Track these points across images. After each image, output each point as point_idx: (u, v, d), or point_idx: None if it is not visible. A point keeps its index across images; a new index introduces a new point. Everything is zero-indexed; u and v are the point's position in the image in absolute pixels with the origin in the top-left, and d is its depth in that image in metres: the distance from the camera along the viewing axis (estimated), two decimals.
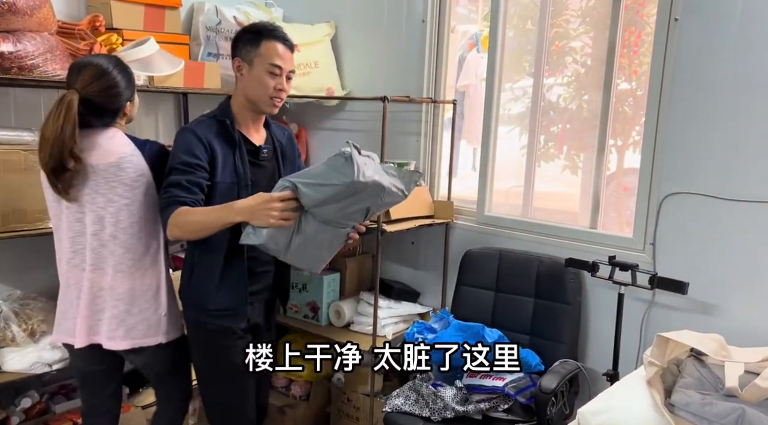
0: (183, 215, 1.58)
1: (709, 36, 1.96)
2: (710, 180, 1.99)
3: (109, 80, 1.64)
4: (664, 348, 1.67)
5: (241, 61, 1.76)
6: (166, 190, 1.62)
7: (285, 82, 1.75)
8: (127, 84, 1.69)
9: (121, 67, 1.69)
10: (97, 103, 1.63)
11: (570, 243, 2.33)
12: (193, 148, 1.65)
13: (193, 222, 1.58)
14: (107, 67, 1.65)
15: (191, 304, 1.79)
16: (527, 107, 2.61)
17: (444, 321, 2.30)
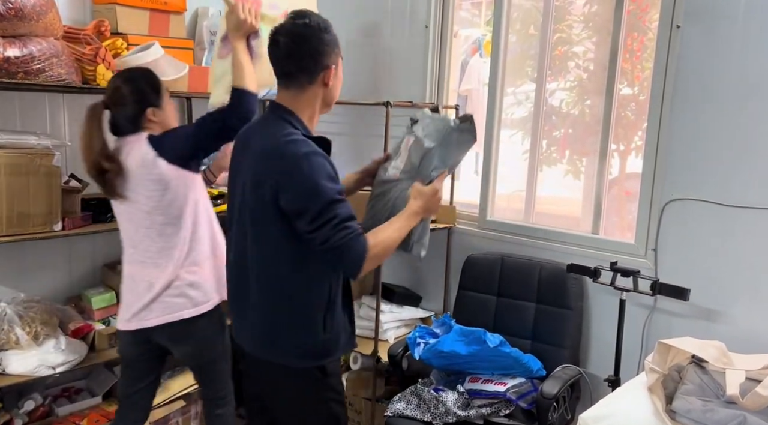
0: (376, 246, 1.42)
1: (710, 42, 1.96)
2: (712, 186, 1.99)
3: (117, 92, 1.79)
4: (666, 355, 1.67)
5: (335, 67, 1.52)
6: (345, 226, 1.38)
7: None
8: (140, 95, 1.79)
9: (132, 79, 1.80)
10: (114, 112, 1.81)
11: (572, 248, 2.33)
12: (332, 172, 1.43)
13: (389, 247, 1.47)
14: (118, 79, 1.82)
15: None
16: (529, 112, 2.62)
17: (446, 326, 2.30)
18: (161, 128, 1.82)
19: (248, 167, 1.48)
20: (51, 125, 2.31)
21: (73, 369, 2.11)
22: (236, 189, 1.53)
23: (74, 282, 2.43)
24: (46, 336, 2.09)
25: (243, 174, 1.50)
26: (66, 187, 2.08)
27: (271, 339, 1.50)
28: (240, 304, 1.58)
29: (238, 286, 1.57)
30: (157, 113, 1.81)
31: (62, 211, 2.03)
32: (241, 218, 1.51)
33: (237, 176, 1.54)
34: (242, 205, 1.50)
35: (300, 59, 1.45)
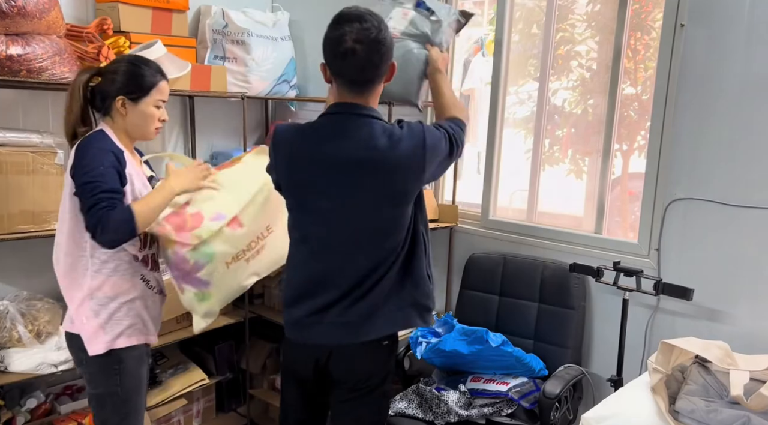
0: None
1: (715, 42, 1.95)
2: (716, 186, 1.99)
3: (111, 65, 1.72)
4: (669, 355, 1.67)
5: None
6: None
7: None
8: (123, 78, 1.64)
9: (132, 63, 1.68)
10: (96, 83, 1.70)
11: (574, 248, 2.33)
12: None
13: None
14: (125, 57, 1.75)
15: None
16: (532, 111, 2.61)
17: (448, 325, 2.30)
18: (127, 127, 1.68)
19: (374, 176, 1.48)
20: (54, 124, 2.31)
21: (75, 368, 2.11)
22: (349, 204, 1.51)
23: None
24: (49, 334, 2.09)
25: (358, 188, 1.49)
26: None
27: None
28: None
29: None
30: (128, 107, 1.65)
31: None
32: (355, 238, 1.53)
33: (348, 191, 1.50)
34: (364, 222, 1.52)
35: (378, 67, 1.49)
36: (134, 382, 1.72)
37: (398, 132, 1.50)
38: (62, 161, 1.99)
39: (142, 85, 1.66)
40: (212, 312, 1.86)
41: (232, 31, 2.64)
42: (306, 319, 1.58)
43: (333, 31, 1.45)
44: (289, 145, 1.54)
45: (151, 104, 1.68)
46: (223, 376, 2.70)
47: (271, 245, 1.91)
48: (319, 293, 1.56)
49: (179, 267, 1.75)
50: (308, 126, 1.56)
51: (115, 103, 1.64)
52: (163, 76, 1.72)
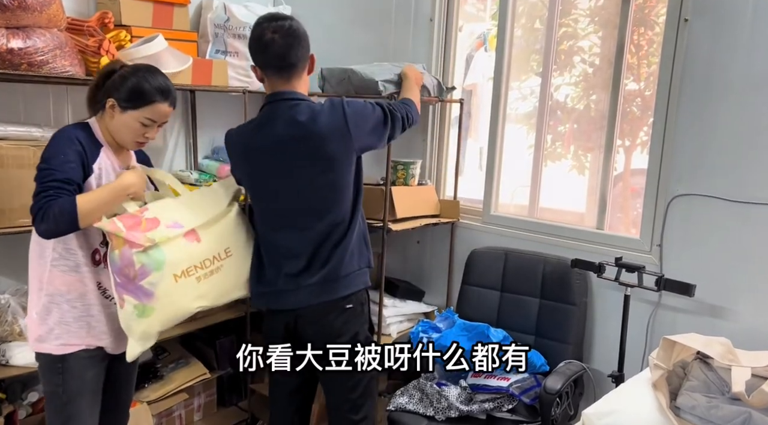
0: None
1: (719, 37, 1.94)
2: (719, 182, 1.98)
3: (115, 65, 1.71)
4: (670, 351, 1.66)
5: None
6: None
7: None
8: (113, 81, 1.62)
9: (128, 67, 1.66)
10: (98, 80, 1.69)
11: (576, 244, 2.32)
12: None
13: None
14: (129, 66, 1.70)
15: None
16: (534, 107, 2.60)
17: (449, 321, 2.30)
18: (110, 128, 1.64)
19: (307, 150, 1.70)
20: (55, 118, 2.30)
21: None
22: (287, 182, 1.72)
23: None
24: None
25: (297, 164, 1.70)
26: None
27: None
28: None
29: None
30: (115, 112, 1.61)
31: None
32: (302, 209, 1.73)
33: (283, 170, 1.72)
34: (305, 192, 1.72)
35: (297, 52, 1.71)
36: (78, 385, 1.64)
37: (319, 107, 1.72)
38: None
39: (136, 98, 1.60)
40: (150, 334, 1.67)
41: (233, 25, 2.63)
42: (275, 287, 1.77)
43: (253, 32, 1.71)
44: (235, 142, 1.78)
45: (137, 119, 1.61)
46: (224, 371, 2.70)
47: (228, 269, 1.75)
48: (284, 264, 1.76)
49: (123, 272, 1.60)
50: (248, 121, 1.80)
51: (107, 102, 1.61)
52: (166, 98, 1.64)
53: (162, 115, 1.65)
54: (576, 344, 2.23)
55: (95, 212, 1.54)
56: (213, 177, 2.64)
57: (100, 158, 1.62)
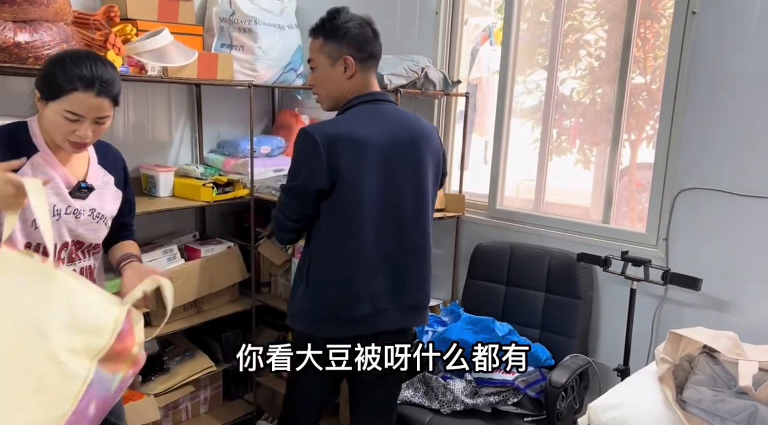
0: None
1: (726, 29, 1.93)
2: (726, 175, 1.97)
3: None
4: (677, 345, 1.66)
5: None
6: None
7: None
8: (42, 69, 1.43)
9: (58, 53, 1.47)
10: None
11: (582, 238, 2.32)
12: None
13: None
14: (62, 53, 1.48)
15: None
16: (540, 101, 2.60)
17: (454, 315, 2.31)
18: (41, 123, 1.44)
19: (415, 155, 1.66)
20: None
21: None
22: (399, 181, 1.64)
23: None
24: None
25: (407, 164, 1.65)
26: None
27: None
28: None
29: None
30: (40, 104, 1.41)
31: None
32: (414, 208, 1.67)
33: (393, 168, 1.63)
34: (413, 194, 1.66)
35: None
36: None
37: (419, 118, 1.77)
38: None
39: (51, 87, 1.37)
40: None
41: (239, 19, 2.63)
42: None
43: (357, 25, 1.65)
44: (342, 141, 1.57)
45: (58, 112, 1.36)
46: (230, 364, 2.71)
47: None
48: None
49: None
50: (342, 119, 1.66)
51: (35, 94, 1.41)
52: (89, 87, 1.35)
53: (88, 107, 1.36)
54: (581, 338, 2.23)
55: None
56: (218, 171, 2.65)
57: (27, 168, 1.39)
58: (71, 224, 1.48)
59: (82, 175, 1.52)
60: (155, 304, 2.32)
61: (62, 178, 1.46)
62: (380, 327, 1.66)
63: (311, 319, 1.67)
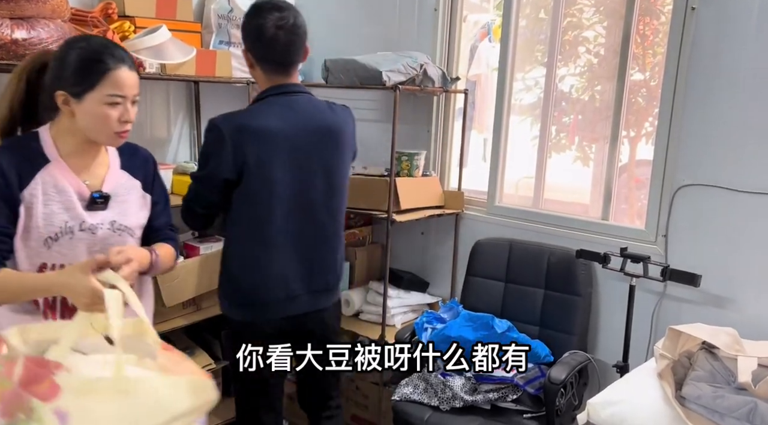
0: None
1: (726, 26, 1.93)
2: (725, 172, 1.97)
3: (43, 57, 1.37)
4: (676, 341, 1.66)
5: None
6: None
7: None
8: (50, 72, 1.30)
9: (57, 50, 1.33)
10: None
11: (581, 235, 2.32)
12: None
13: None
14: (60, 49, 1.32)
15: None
16: (539, 98, 2.59)
17: (453, 311, 2.31)
18: (82, 129, 1.30)
19: (328, 141, 1.76)
20: None
21: None
22: (305, 167, 1.72)
23: None
24: None
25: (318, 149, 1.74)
26: None
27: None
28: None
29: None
30: (73, 106, 1.27)
31: None
32: (325, 195, 1.77)
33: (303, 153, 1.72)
34: (321, 178, 1.75)
35: (301, 48, 1.74)
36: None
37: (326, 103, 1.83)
38: None
39: (82, 76, 1.25)
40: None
41: (237, 16, 2.62)
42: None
43: (253, 20, 1.67)
44: (249, 133, 1.64)
45: (101, 101, 1.26)
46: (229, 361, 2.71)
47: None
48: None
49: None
50: (249, 110, 1.75)
51: (57, 100, 1.27)
52: (121, 60, 1.27)
53: (127, 84, 1.28)
54: (581, 334, 2.23)
55: (11, 301, 1.25)
56: None
57: (38, 180, 1.28)
58: (88, 242, 1.34)
59: (100, 182, 1.38)
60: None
61: (75, 189, 1.33)
62: (293, 311, 1.76)
63: (232, 303, 1.78)
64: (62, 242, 1.30)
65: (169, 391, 1.08)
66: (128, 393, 1.04)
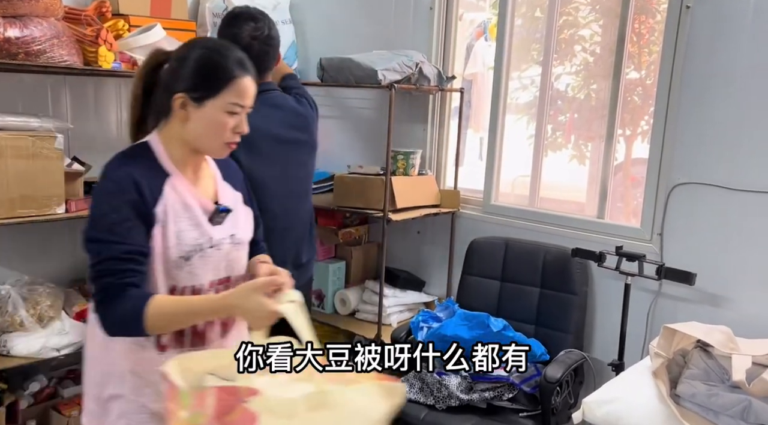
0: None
1: (721, 24, 1.93)
2: (720, 170, 1.97)
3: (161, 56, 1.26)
4: (671, 339, 1.66)
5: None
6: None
7: None
8: (170, 72, 1.20)
9: (182, 48, 1.23)
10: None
11: (577, 233, 2.32)
12: None
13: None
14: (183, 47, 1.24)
15: None
16: (535, 96, 2.59)
17: (449, 310, 2.30)
18: (188, 136, 1.21)
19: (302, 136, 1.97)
20: (53, 108, 2.29)
21: (77, 351, 2.11)
22: (289, 157, 1.92)
23: (78, 265, 2.42)
24: (51, 319, 2.09)
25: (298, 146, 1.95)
26: (69, 170, 2.07)
27: None
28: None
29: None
30: (190, 109, 1.18)
31: (65, 194, 2.02)
32: (303, 182, 2.03)
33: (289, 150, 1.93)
34: (305, 170, 2.03)
35: (274, 57, 1.91)
36: None
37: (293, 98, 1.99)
38: (62, 145, 1.98)
39: (209, 81, 1.17)
40: None
41: None
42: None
43: (228, 27, 1.78)
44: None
45: (222, 109, 1.18)
46: None
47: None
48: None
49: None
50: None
51: (173, 103, 1.18)
52: (247, 70, 1.21)
53: (249, 94, 1.21)
54: (576, 333, 2.23)
55: (171, 327, 1.18)
56: None
57: (164, 197, 1.18)
58: (215, 259, 1.24)
59: (213, 195, 1.29)
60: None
61: (199, 204, 1.22)
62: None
63: None
64: (194, 261, 1.20)
65: (365, 399, 1.08)
66: (327, 406, 1.03)
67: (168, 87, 1.19)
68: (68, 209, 2.03)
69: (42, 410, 2.20)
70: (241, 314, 1.18)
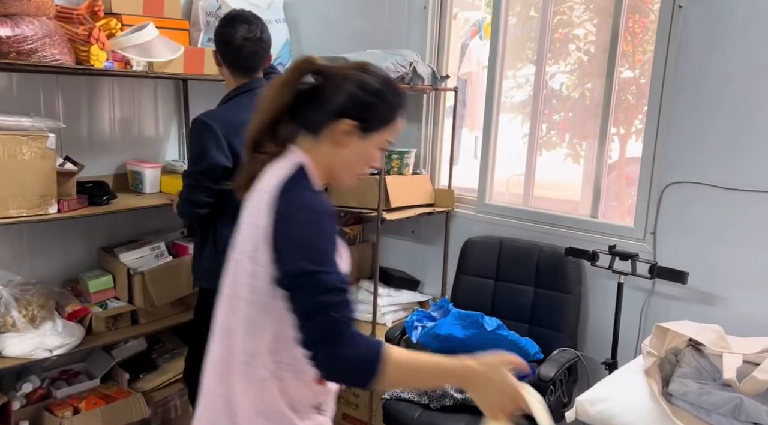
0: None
1: (713, 23, 1.93)
2: (712, 169, 1.98)
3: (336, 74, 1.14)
4: (663, 338, 1.67)
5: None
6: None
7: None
8: (338, 90, 1.10)
9: (347, 69, 1.12)
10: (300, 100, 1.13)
11: (570, 232, 2.32)
12: None
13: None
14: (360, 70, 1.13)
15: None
16: (529, 95, 2.59)
17: (443, 310, 2.30)
18: (334, 163, 1.13)
19: None
20: (45, 107, 2.28)
21: (70, 352, 2.11)
22: None
23: (70, 265, 2.42)
24: (43, 319, 2.08)
25: None
26: (61, 170, 2.06)
27: None
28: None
29: None
30: (355, 138, 1.11)
31: (58, 194, 2.02)
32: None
33: None
34: None
35: (265, 58, 2.00)
36: None
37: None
38: (53, 145, 1.97)
39: (382, 116, 1.13)
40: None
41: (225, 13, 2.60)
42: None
43: (223, 30, 1.90)
44: (231, 126, 1.83)
45: (379, 145, 1.15)
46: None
47: None
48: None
49: None
50: (225, 108, 1.94)
51: (339, 126, 1.09)
52: (403, 111, 1.18)
53: (398, 133, 1.19)
54: (570, 332, 2.24)
55: (404, 384, 1.14)
56: None
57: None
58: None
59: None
60: (143, 302, 2.30)
61: (339, 235, 1.14)
62: None
63: (217, 274, 1.81)
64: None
65: None
66: None
67: (335, 108, 1.10)
68: (60, 209, 2.03)
69: (35, 411, 2.19)
70: (482, 385, 1.05)
